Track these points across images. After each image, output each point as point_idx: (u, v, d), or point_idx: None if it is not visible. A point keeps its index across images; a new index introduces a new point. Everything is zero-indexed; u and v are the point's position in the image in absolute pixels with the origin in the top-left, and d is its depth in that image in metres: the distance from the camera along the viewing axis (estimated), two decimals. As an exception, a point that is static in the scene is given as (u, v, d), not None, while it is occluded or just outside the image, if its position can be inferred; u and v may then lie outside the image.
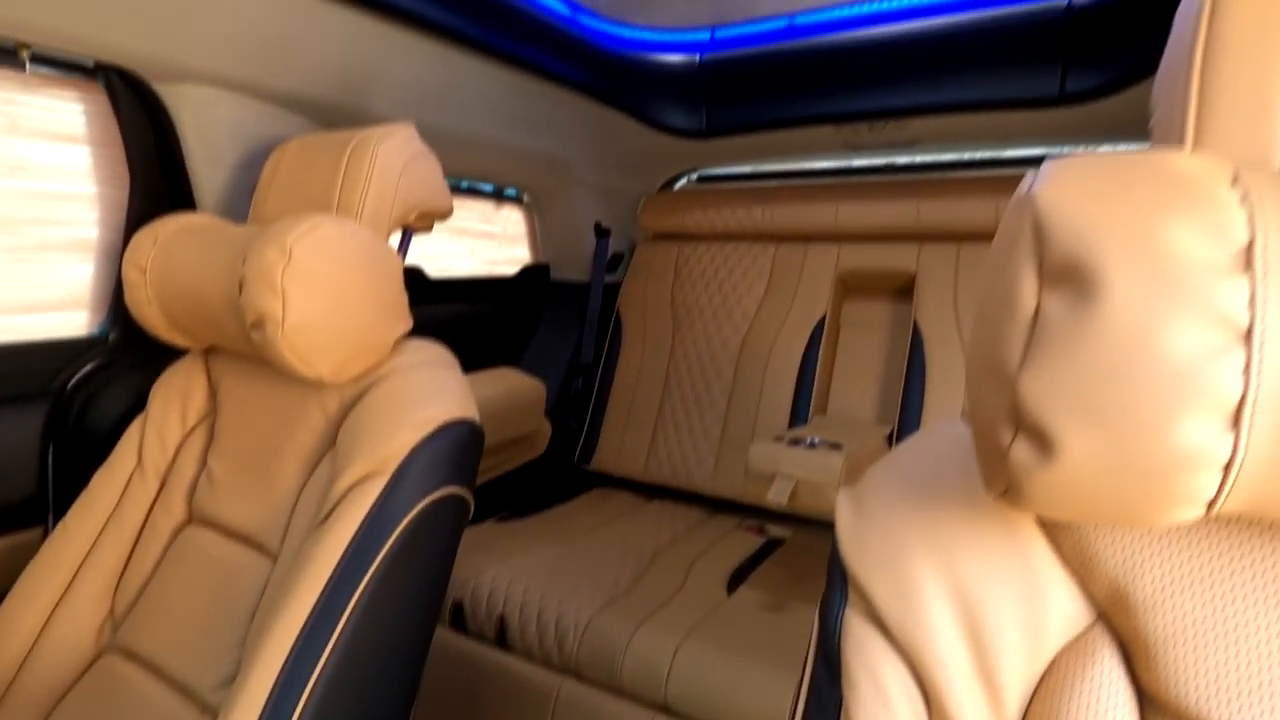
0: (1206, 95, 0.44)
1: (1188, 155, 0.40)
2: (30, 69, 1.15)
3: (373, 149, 1.10)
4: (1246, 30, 0.44)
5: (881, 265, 2.08)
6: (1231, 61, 0.43)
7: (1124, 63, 1.43)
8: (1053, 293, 0.37)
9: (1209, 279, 0.34)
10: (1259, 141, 0.42)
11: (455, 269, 2.27)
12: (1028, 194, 0.41)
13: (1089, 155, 0.43)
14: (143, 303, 1.13)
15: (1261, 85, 0.42)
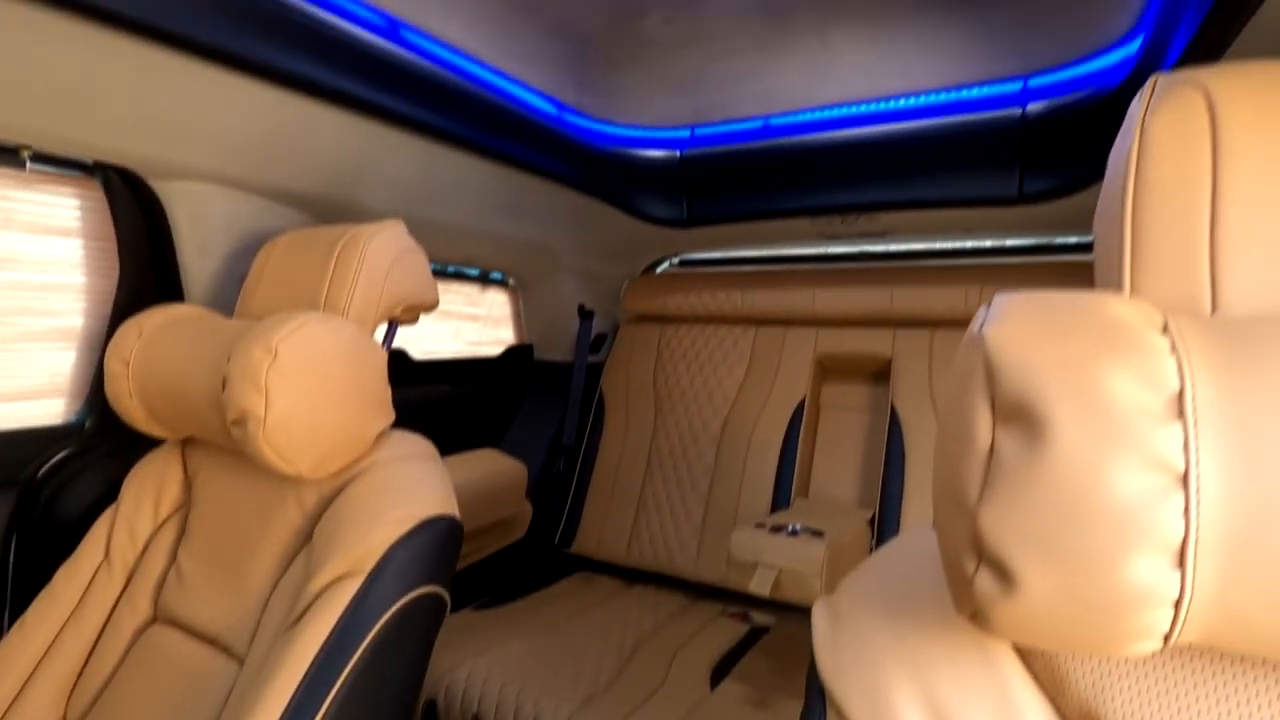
0: (1138, 240, 0.47)
1: (1123, 300, 0.44)
2: (30, 167, 1.19)
3: (362, 246, 1.13)
4: (1171, 179, 0.48)
5: (858, 349, 2.13)
6: (1159, 209, 0.48)
7: (1075, 169, 1.53)
8: (1005, 430, 0.40)
9: (1146, 424, 0.36)
10: (1189, 286, 0.45)
11: (440, 350, 2.29)
12: (979, 333, 0.44)
13: (1035, 295, 0.46)
14: (123, 394, 1.13)
15: (1188, 232, 0.46)
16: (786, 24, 1.68)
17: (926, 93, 1.65)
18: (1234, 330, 0.40)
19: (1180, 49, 1.02)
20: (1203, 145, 0.47)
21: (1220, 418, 0.36)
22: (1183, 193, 0.47)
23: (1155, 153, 0.48)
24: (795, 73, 1.79)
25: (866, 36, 1.65)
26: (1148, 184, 0.48)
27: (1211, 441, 0.35)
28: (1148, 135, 0.50)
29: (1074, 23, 1.44)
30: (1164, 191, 0.47)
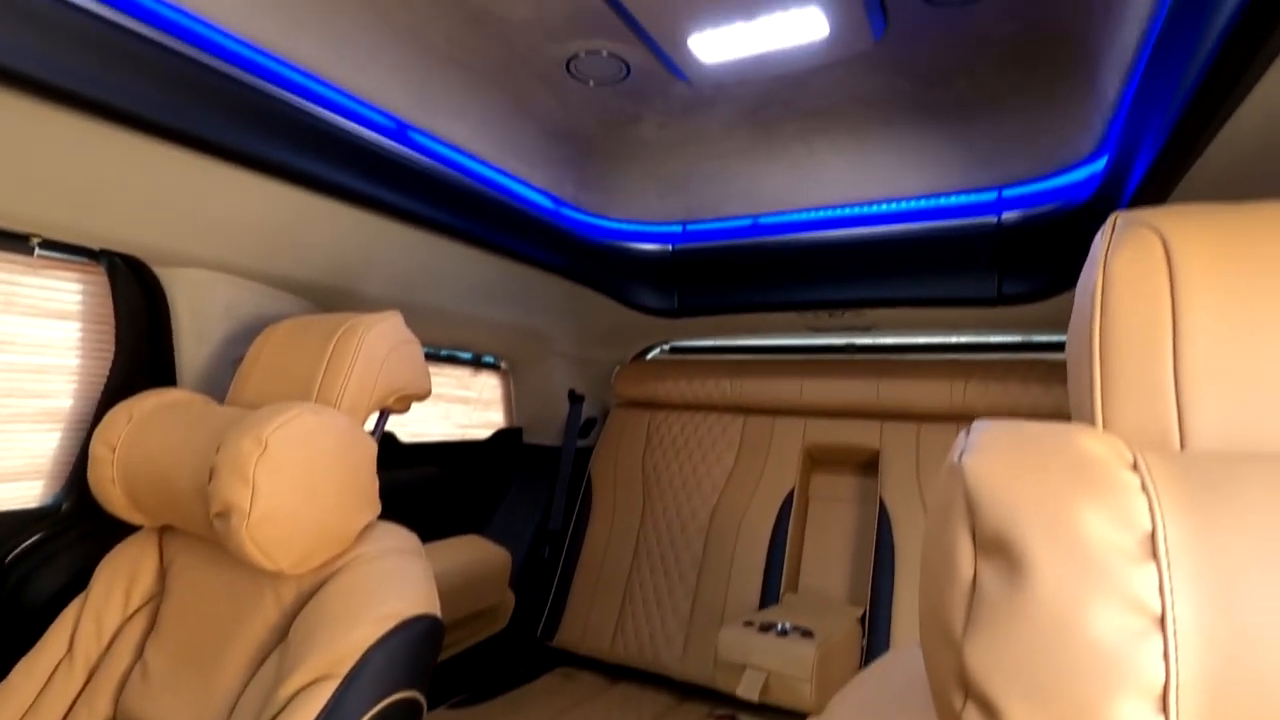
0: (1107, 374, 0.50)
1: (1095, 435, 0.45)
2: (38, 253, 1.22)
3: (360, 336, 1.15)
4: (1134, 317, 0.51)
5: (846, 440, 2.14)
6: (1124, 345, 0.50)
7: (1051, 274, 1.59)
8: (987, 563, 0.40)
9: (1121, 564, 0.37)
10: (1158, 421, 0.47)
11: (428, 433, 2.28)
12: (959, 463, 0.45)
13: (1012, 426, 0.48)
14: (106, 480, 1.12)
15: (1153, 369, 0.49)
16: (774, 132, 1.79)
17: (906, 198, 1.74)
18: (1201, 468, 0.42)
19: (1143, 169, 1.09)
20: (1161, 285, 0.50)
21: (1192, 559, 0.37)
22: (1146, 330, 0.49)
23: (1118, 290, 0.51)
24: (782, 176, 1.88)
25: (849, 146, 1.76)
26: (1112, 320, 0.51)
27: (1185, 584, 0.36)
28: (1110, 273, 0.53)
29: (1043, 141, 1.54)
30: (1128, 329, 0.50)
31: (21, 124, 0.93)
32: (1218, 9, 0.71)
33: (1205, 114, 0.82)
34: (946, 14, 1.30)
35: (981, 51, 1.40)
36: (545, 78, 1.56)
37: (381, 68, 1.35)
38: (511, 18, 1.34)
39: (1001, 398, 1.91)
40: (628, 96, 1.66)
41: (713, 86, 1.60)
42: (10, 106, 0.90)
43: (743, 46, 1.39)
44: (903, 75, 1.50)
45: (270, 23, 1.15)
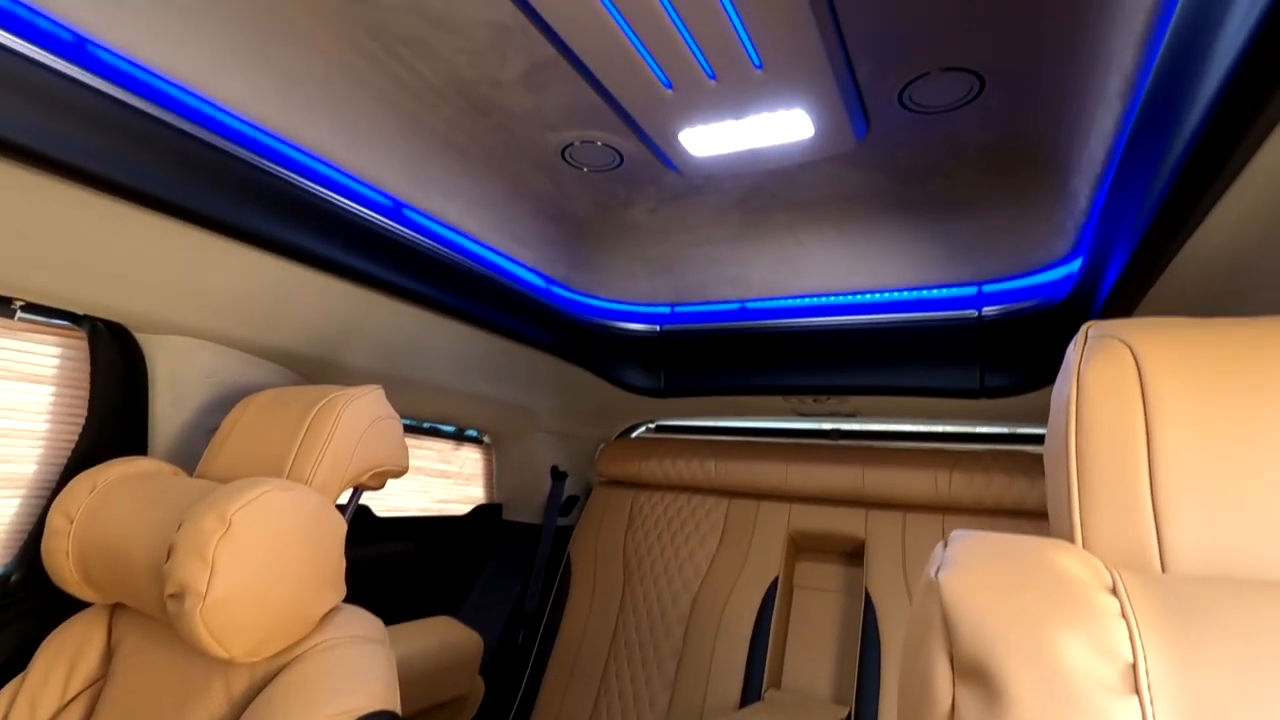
0: (1084, 488, 0.49)
1: (1073, 553, 0.45)
2: (20, 316, 1.21)
3: (338, 411, 1.14)
4: (1107, 431, 0.51)
5: (831, 528, 2.11)
6: (1100, 459, 0.50)
7: (1032, 369, 1.62)
8: (965, 688, 0.39)
9: (1102, 698, 0.35)
10: (1136, 539, 0.47)
11: (405, 507, 2.22)
12: (936, 579, 0.44)
13: (990, 539, 0.47)
14: (59, 551, 1.07)
15: (1129, 485, 0.48)
16: (762, 221, 1.84)
17: (889, 289, 1.78)
18: (1182, 594, 0.41)
19: (1115, 275, 1.13)
20: (1133, 400, 0.50)
21: (1174, 695, 0.36)
22: (1121, 446, 0.49)
23: (1091, 403, 0.52)
24: (769, 263, 1.93)
25: (834, 237, 1.81)
26: (1088, 434, 0.51)
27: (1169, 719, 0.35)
28: (1083, 385, 0.53)
29: (1020, 241, 1.60)
30: (1103, 443, 0.50)
31: (10, 190, 0.94)
32: (1177, 132, 0.75)
33: (1170, 228, 0.85)
34: (923, 121, 1.37)
35: (958, 156, 1.47)
36: (541, 163, 1.61)
37: (382, 149, 1.39)
38: (512, 108, 1.40)
39: (986, 490, 1.90)
40: (620, 183, 1.71)
41: (703, 177, 1.66)
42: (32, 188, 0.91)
43: (732, 142, 1.45)
44: (884, 174, 1.57)
45: (281, 109, 1.19)
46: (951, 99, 1.29)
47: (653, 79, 1.26)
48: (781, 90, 1.28)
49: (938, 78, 1.24)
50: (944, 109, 1.32)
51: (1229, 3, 0.61)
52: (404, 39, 1.20)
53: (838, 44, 1.17)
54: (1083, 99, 1.16)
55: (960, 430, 2.26)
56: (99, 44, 0.97)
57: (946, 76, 1.23)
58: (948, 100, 1.30)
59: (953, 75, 1.23)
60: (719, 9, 1.07)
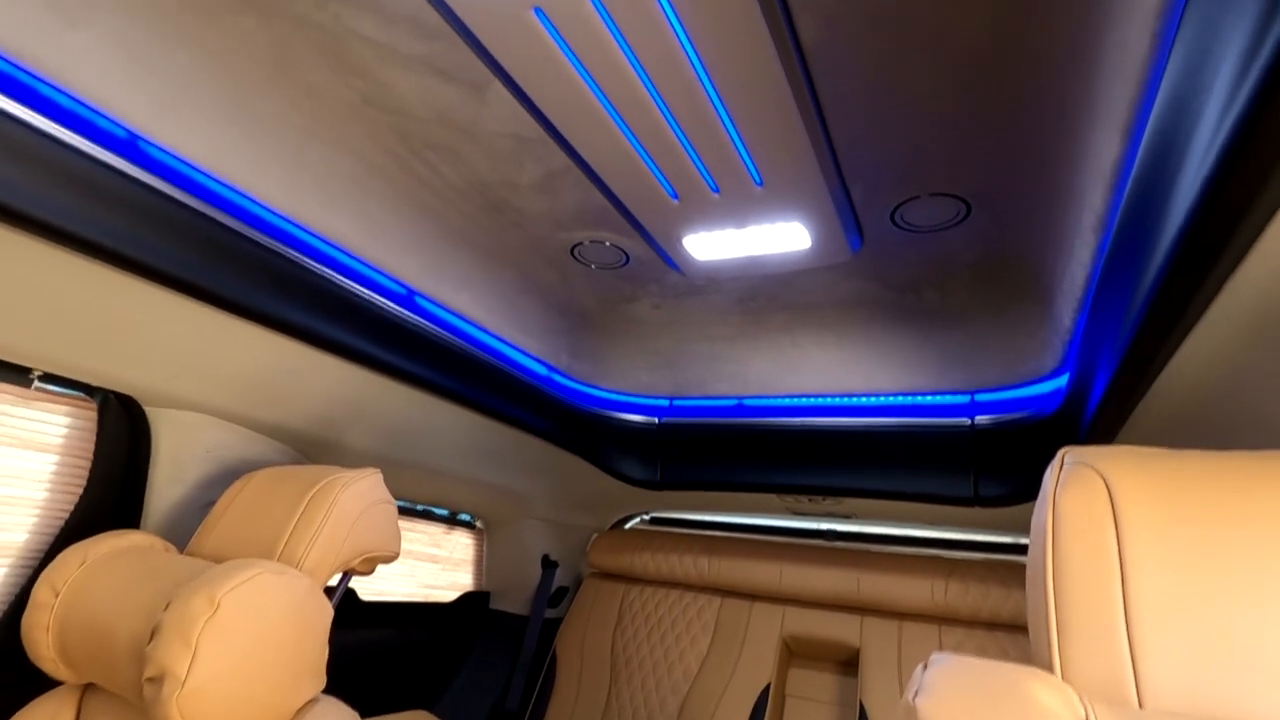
0: (1063, 618, 0.51)
1: (1050, 684, 0.45)
2: (36, 386, 1.24)
3: (335, 494, 1.15)
4: (1082, 561, 0.53)
5: (826, 634, 2.05)
6: (1077, 588, 0.51)
7: (1025, 480, 1.63)
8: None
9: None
10: (1113, 671, 0.48)
11: (391, 591, 2.17)
12: (913, 703, 0.45)
13: (969, 666, 0.48)
14: (39, 626, 1.06)
15: (1104, 617, 0.50)
16: (761, 322, 1.90)
17: (884, 394, 1.82)
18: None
19: (1099, 395, 1.16)
20: (1107, 532, 0.52)
21: None
22: (1095, 577, 0.51)
23: (1066, 532, 0.54)
24: (767, 362, 1.98)
25: (830, 340, 1.86)
26: (1064, 564, 0.53)
27: None
28: (1059, 513, 0.55)
29: (1009, 354, 1.65)
30: (1079, 574, 0.52)
31: (35, 265, 1.00)
32: (1145, 268, 0.80)
33: (1146, 355, 0.90)
34: (915, 237, 1.45)
35: (949, 271, 1.54)
36: (551, 259, 1.69)
37: (401, 241, 1.47)
38: (527, 209, 1.48)
39: (983, 602, 1.87)
40: (626, 280, 1.78)
41: (705, 278, 1.73)
42: (26, 248, 0.96)
43: (733, 249, 1.53)
44: (879, 283, 1.64)
45: (310, 203, 1.27)
46: (940, 220, 1.37)
47: (660, 190, 1.35)
48: (781, 205, 1.36)
49: (927, 201, 1.32)
50: (934, 229, 1.40)
51: (1185, 154, 0.67)
52: (431, 144, 1.29)
53: (833, 167, 1.26)
54: (1059, 229, 1.24)
55: (959, 537, 2.24)
56: (150, 141, 1.05)
57: (935, 200, 1.31)
58: (937, 221, 1.38)
59: (941, 199, 1.31)
60: (723, 131, 1.16)
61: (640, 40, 0.98)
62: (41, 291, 1.04)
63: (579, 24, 0.97)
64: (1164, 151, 0.73)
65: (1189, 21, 0.64)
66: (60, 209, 0.94)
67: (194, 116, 1.09)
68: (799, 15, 0.92)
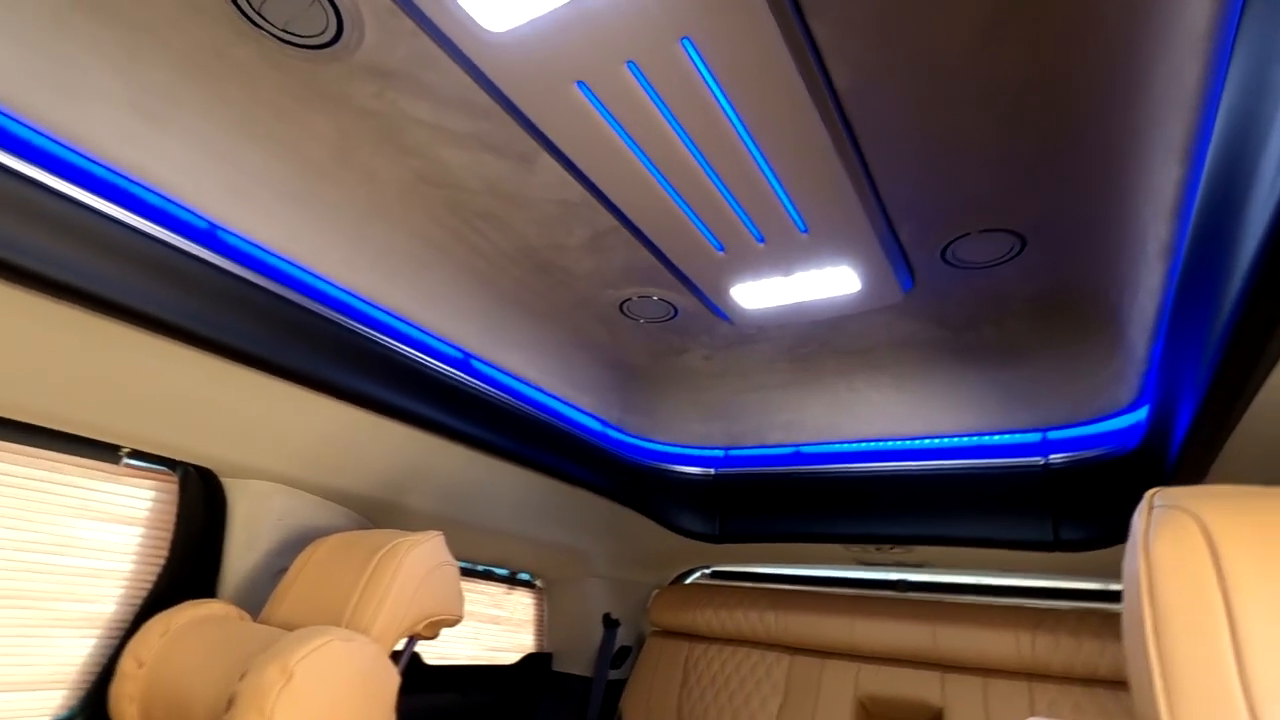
0: (1169, 678, 0.47)
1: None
2: (125, 463, 1.32)
3: (400, 558, 1.17)
4: (1185, 614, 0.49)
5: (904, 693, 1.94)
6: (1181, 645, 0.48)
7: (1108, 523, 1.53)
8: None
9: None
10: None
11: (456, 654, 2.17)
12: None
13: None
14: (125, 697, 1.09)
15: (1217, 678, 0.45)
16: (814, 368, 1.88)
17: (949, 435, 1.76)
18: None
19: (1185, 426, 1.09)
20: (1209, 584, 0.48)
21: None
22: (1202, 636, 0.47)
23: (1165, 583, 0.50)
24: (823, 408, 1.94)
25: (887, 384, 1.82)
26: (1165, 620, 0.49)
27: None
28: (1154, 562, 0.52)
29: (1081, 388, 1.58)
30: (1182, 631, 0.48)
31: (125, 349, 1.07)
32: (1221, 297, 0.76)
33: (1233, 385, 0.84)
34: (968, 275, 1.42)
35: (1006, 307, 1.49)
36: (600, 316, 1.72)
37: (455, 307, 1.52)
38: (575, 269, 1.52)
39: (1075, 655, 1.73)
40: (675, 333, 1.79)
41: (754, 326, 1.73)
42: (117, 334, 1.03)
43: (781, 296, 1.52)
44: (934, 323, 1.60)
45: (369, 276, 1.34)
46: (993, 256, 1.34)
47: (705, 243, 1.37)
48: (827, 250, 1.36)
49: (979, 237, 1.29)
50: (987, 264, 1.37)
51: (1253, 177, 0.65)
52: (482, 214, 1.35)
53: (878, 208, 1.25)
54: (1123, 259, 1.20)
55: (1043, 584, 2.11)
56: (227, 229, 1.13)
57: (987, 236, 1.29)
58: (989, 257, 1.35)
59: (993, 235, 1.28)
60: (764, 181, 1.18)
61: (677, 101, 1.01)
62: (130, 373, 1.11)
63: (619, 93, 1.01)
64: (1229, 175, 0.70)
65: (1242, 46, 0.62)
66: (147, 297, 1.01)
67: (265, 204, 1.17)
68: (832, 62, 0.93)
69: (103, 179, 0.99)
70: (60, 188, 0.92)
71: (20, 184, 0.89)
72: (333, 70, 1.03)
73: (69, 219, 0.93)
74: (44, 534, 1.24)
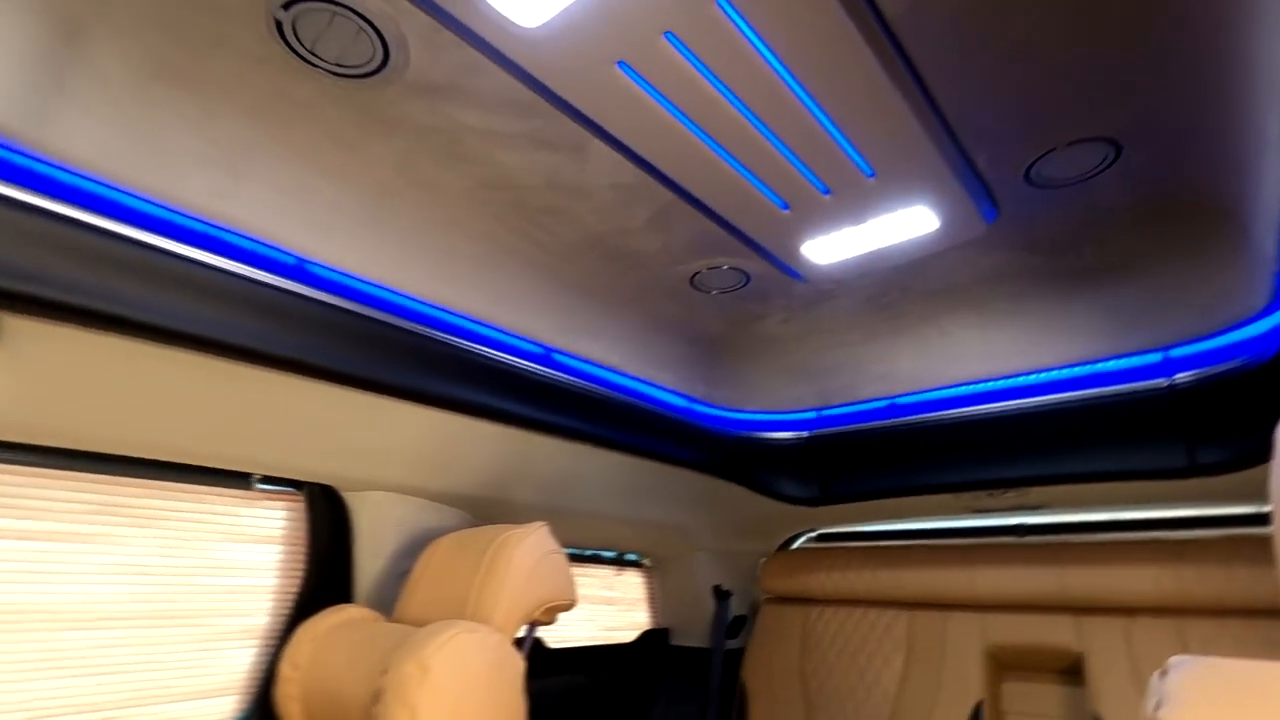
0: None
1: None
2: (257, 488, 1.44)
3: (510, 551, 1.22)
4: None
5: (1037, 640, 1.85)
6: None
7: (1252, 439, 1.40)
8: None
9: None
10: None
11: (575, 636, 2.25)
12: (1155, 718, 0.39)
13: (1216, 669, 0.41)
14: (288, 698, 1.20)
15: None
16: (899, 316, 1.81)
17: (1056, 367, 1.65)
18: None
19: None
20: None
21: None
22: None
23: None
24: (914, 356, 1.86)
25: (979, 321, 1.73)
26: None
27: None
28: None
29: (1200, 298, 1.44)
30: None
31: (245, 385, 1.16)
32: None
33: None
34: (1058, 194, 1.32)
35: (1105, 222, 1.38)
36: (671, 293, 1.71)
37: (530, 304, 1.56)
38: (641, 250, 1.52)
39: (1228, 585, 1.60)
40: (750, 300, 1.77)
41: (831, 282, 1.67)
42: (237, 374, 1.12)
43: (854, 247, 1.47)
44: (1025, 251, 1.50)
45: (449, 287, 1.39)
46: (1084, 169, 1.24)
47: (768, 204, 1.33)
48: (898, 191, 1.30)
49: (1065, 152, 1.20)
50: (1078, 180, 1.27)
51: None
52: (543, 210, 1.37)
53: (947, 139, 1.18)
54: (1240, 150, 1.08)
55: (1181, 514, 1.95)
56: (314, 261, 1.20)
57: (1075, 149, 1.19)
58: (1080, 171, 1.25)
59: (1082, 146, 1.19)
60: (821, 131, 1.13)
61: (720, 63, 0.99)
62: (253, 407, 1.21)
63: (661, 65, 1.00)
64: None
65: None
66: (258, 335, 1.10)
67: (343, 232, 1.23)
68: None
69: (199, 232, 1.07)
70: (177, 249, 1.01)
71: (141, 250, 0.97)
72: (387, 94, 1.07)
73: (176, 272, 1.02)
74: (199, 558, 1.38)
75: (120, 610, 1.27)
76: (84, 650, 1.22)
